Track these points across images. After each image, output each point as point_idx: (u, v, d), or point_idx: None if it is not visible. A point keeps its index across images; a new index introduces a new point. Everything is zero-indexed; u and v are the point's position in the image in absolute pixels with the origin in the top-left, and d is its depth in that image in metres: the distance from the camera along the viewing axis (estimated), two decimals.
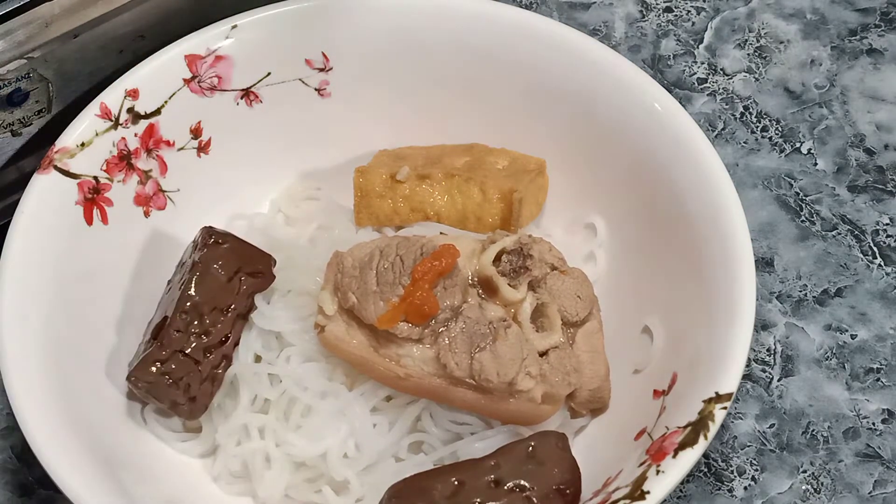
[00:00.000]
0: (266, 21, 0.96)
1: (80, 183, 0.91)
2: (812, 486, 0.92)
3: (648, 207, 0.93)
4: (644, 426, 0.85)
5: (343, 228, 0.95)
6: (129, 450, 0.88)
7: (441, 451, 0.86)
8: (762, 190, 1.04)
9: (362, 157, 0.98)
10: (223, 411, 0.89)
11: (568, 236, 0.96)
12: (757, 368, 0.96)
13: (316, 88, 0.98)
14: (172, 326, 0.87)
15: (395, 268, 0.85)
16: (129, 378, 0.88)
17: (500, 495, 0.81)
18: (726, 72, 1.09)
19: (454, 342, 0.84)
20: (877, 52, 1.10)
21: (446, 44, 0.96)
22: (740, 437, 0.94)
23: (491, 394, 0.84)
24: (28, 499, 0.92)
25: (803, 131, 1.06)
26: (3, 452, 0.93)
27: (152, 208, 0.95)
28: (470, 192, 0.93)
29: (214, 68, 0.95)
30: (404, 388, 0.85)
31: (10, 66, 0.89)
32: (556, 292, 0.87)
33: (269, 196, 0.99)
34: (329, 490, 0.87)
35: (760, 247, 1.01)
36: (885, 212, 1.03)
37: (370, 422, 0.86)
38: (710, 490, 0.92)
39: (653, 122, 0.92)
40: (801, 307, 0.99)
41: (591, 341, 0.88)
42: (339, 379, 0.87)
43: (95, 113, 0.92)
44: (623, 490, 0.80)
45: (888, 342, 0.97)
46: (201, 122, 0.96)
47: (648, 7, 1.13)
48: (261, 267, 0.89)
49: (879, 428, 0.94)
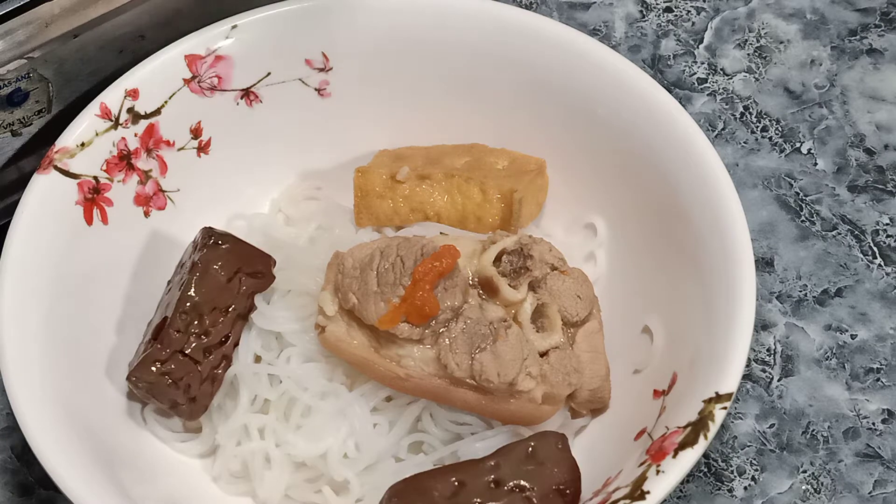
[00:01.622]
0: (266, 21, 0.95)
1: (80, 183, 0.91)
2: (812, 486, 0.92)
3: (648, 207, 0.93)
4: (644, 426, 0.85)
5: (343, 228, 0.95)
6: (129, 450, 0.88)
7: (441, 451, 0.86)
8: (762, 190, 1.04)
9: (362, 157, 0.98)
10: (223, 411, 0.89)
11: (568, 236, 0.96)
12: (757, 368, 0.96)
13: (316, 88, 0.98)
14: (172, 327, 0.87)
15: (396, 268, 0.85)
16: (129, 378, 0.88)
17: (500, 495, 0.81)
18: (726, 72, 1.09)
19: (455, 343, 0.84)
20: (877, 52, 1.10)
21: (446, 44, 0.96)
22: (740, 437, 0.94)
23: (491, 394, 0.84)
24: (28, 499, 0.92)
25: (803, 131, 1.06)
26: (3, 452, 0.93)
27: (152, 208, 0.95)
28: (470, 192, 0.93)
29: (214, 68, 0.95)
30: (405, 389, 0.85)
31: (10, 66, 0.89)
32: (557, 292, 0.87)
33: (269, 196, 0.99)
34: (329, 490, 0.87)
35: (760, 247, 1.01)
36: (885, 212, 1.03)
37: (370, 422, 0.86)
38: (710, 490, 0.92)
39: (653, 122, 0.92)
40: (801, 307, 0.99)
41: (591, 341, 0.88)
42: (339, 379, 0.87)
43: (95, 113, 0.92)
44: (623, 490, 0.80)
45: (888, 342, 0.97)
46: (201, 122, 0.96)
47: (648, 7, 1.13)
48: (260, 267, 0.89)
49: (879, 428, 0.94)
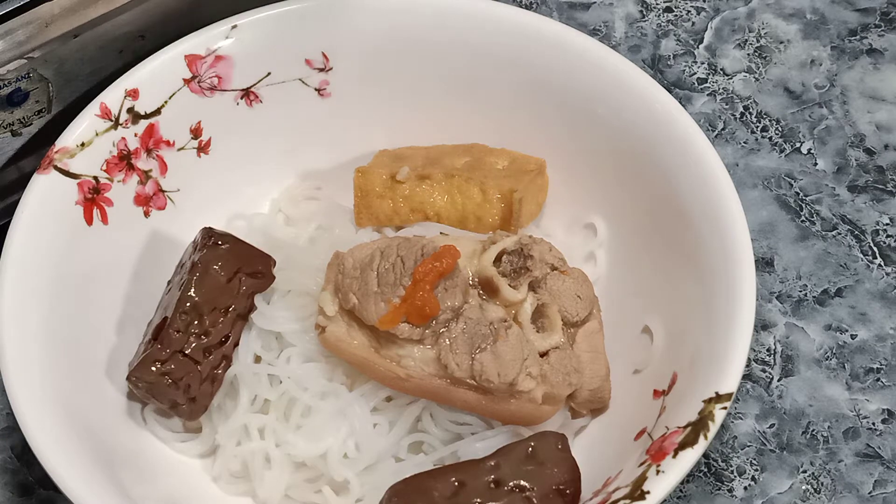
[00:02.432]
0: (266, 21, 0.95)
1: (80, 183, 0.91)
2: (812, 486, 0.92)
3: (648, 207, 0.93)
4: (644, 426, 0.85)
5: (343, 228, 0.95)
6: (129, 450, 0.88)
7: (441, 451, 0.86)
8: (762, 190, 1.04)
9: (362, 157, 0.98)
10: (223, 411, 0.89)
11: (568, 236, 0.96)
12: (757, 368, 0.96)
13: (316, 88, 0.98)
14: (172, 327, 0.87)
15: (396, 269, 0.85)
16: (129, 378, 0.88)
17: (500, 496, 0.81)
18: (726, 72, 1.09)
19: (455, 343, 0.84)
20: (877, 52, 1.10)
21: (446, 44, 0.96)
22: (740, 437, 0.94)
23: (492, 394, 0.84)
24: (28, 499, 0.92)
25: (803, 131, 1.06)
26: (3, 452, 0.93)
27: (152, 208, 0.95)
28: (470, 192, 0.93)
29: (214, 68, 0.95)
30: (405, 389, 0.85)
31: (10, 66, 0.89)
32: (557, 292, 0.87)
33: (269, 196, 0.99)
34: (329, 490, 0.87)
35: (760, 247, 1.01)
36: (885, 212, 1.03)
37: (370, 422, 0.86)
38: (710, 490, 0.92)
39: (653, 122, 0.92)
40: (801, 307, 0.99)
41: (591, 341, 0.88)
42: (339, 379, 0.87)
43: (95, 113, 0.92)
44: (623, 490, 0.80)
45: (888, 342, 0.97)
46: (201, 122, 0.96)
47: (648, 7, 1.13)
48: (260, 267, 0.89)
49: (879, 428, 0.94)
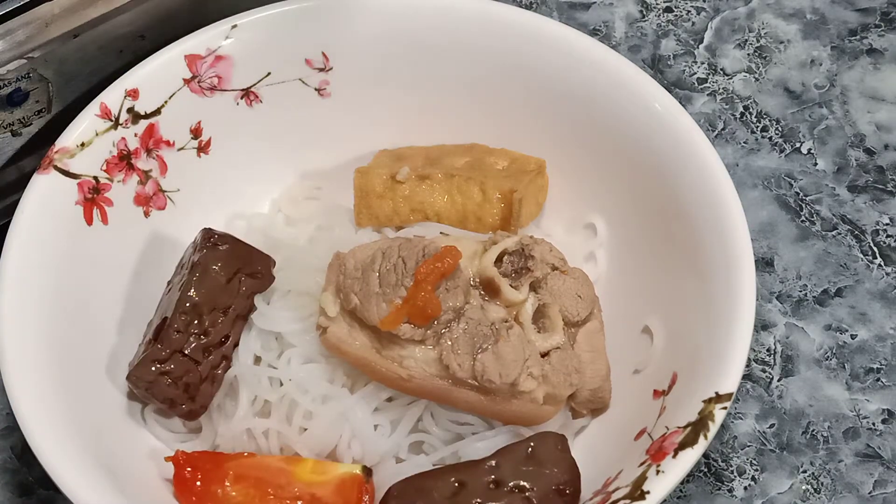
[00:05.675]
0: (266, 21, 0.95)
1: (80, 183, 0.91)
2: (812, 486, 0.92)
3: (649, 207, 0.93)
4: (644, 426, 0.85)
5: (343, 228, 0.95)
6: (129, 450, 0.88)
7: (442, 451, 0.86)
8: (762, 190, 1.04)
9: (362, 157, 0.98)
10: (223, 412, 0.89)
11: (568, 236, 0.96)
12: (757, 368, 0.96)
13: (316, 88, 0.98)
14: (172, 327, 0.87)
15: (398, 269, 0.85)
16: (129, 378, 0.88)
17: (500, 496, 0.81)
18: (726, 72, 1.09)
19: (456, 343, 0.84)
20: (877, 52, 1.10)
21: (446, 44, 0.96)
22: (740, 437, 0.94)
23: (493, 395, 0.84)
24: (28, 499, 0.92)
25: (803, 131, 1.06)
26: (3, 452, 0.93)
27: (152, 208, 0.95)
28: (470, 192, 0.93)
29: (214, 68, 0.95)
30: (407, 390, 0.85)
31: (10, 66, 0.89)
32: (557, 292, 0.87)
33: (269, 196, 0.99)
34: None
35: (760, 247, 1.01)
36: (885, 212, 1.03)
37: (372, 424, 0.86)
38: (710, 490, 0.92)
39: (653, 122, 0.92)
40: (801, 307, 0.99)
41: (592, 341, 0.88)
42: (340, 380, 0.87)
43: (95, 113, 0.92)
44: (623, 490, 0.80)
45: (888, 342, 0.97)
46: (201, 122, 0.96)
47: (648, 7, 1.13)
48: (260, 268, 0.89)
49: (879, 428, 0.94)
